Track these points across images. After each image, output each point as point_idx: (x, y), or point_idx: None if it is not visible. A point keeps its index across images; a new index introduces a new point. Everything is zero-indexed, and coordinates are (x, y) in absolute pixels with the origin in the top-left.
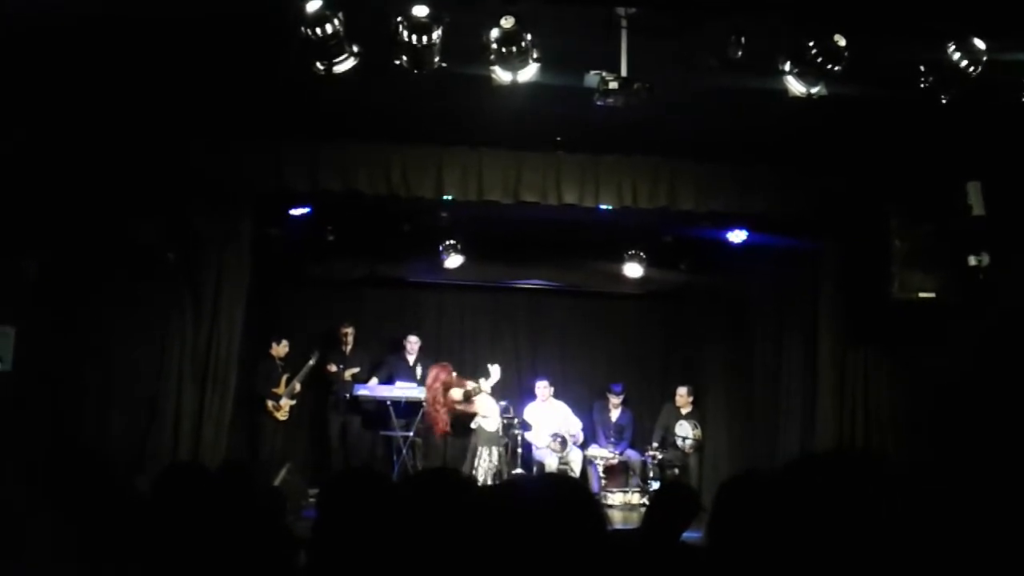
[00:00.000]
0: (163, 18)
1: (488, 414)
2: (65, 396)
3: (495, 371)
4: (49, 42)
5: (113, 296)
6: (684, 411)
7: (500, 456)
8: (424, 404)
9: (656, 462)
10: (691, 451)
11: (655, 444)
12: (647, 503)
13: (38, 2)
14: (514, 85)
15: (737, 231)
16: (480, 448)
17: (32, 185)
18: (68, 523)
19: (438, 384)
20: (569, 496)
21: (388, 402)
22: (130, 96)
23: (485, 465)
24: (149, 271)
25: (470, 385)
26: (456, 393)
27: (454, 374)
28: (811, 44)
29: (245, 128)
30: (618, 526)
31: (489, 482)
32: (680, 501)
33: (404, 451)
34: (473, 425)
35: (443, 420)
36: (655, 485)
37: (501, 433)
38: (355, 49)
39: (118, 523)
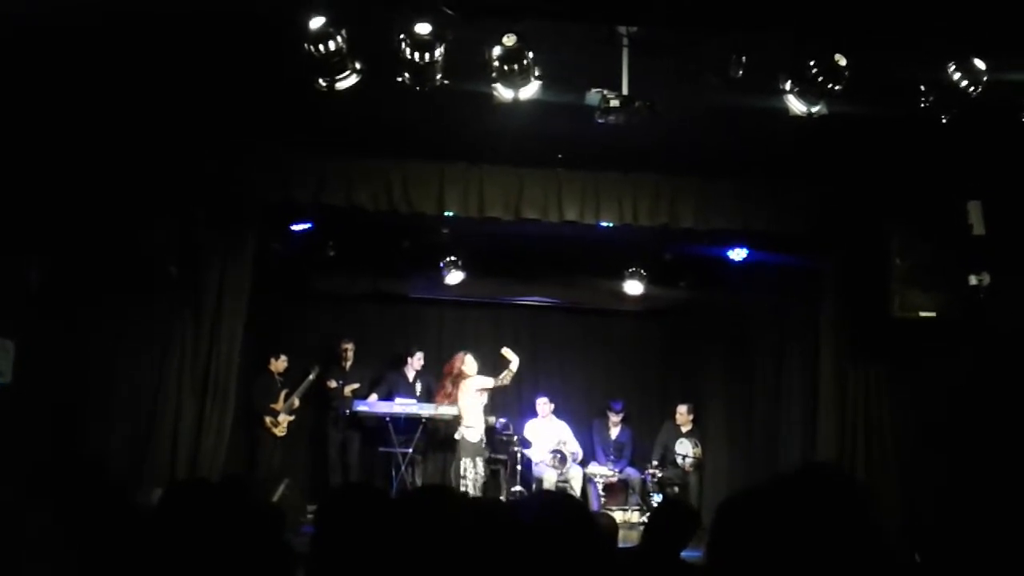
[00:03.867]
0: (170, 29)
1: (473, 424)
2: (65, 409)
3: (509, 353)
4: (58, 53)
5: (114, 309)
6: (684, 429)
7: (488, 468)
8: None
9: (656, 480)
10: (691, 469)
11: (655, 462)
12: (646, 521)
13: (46, 8)
14: (516, 102)
15: (737, 249)
16: (464, 460)
17: (35, 195)
18: (70, 536)
19: (452, 368)
20: (567, 514)
21: (387, 418)
22: (136, 107)
23: (471, 476)
24: (150, 284)
25: (501, 376)
26: (477, 383)
27: (469, 365)
28: (812, 63)
29: (251, 140)
30: (618, 544)
31: (478, 494)
32: (679, 519)
33: (403, 467)
34: (456, 436)
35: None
36: (655, 503)
37: (485, 444)
38: (358, 66)
39: (119, 537)
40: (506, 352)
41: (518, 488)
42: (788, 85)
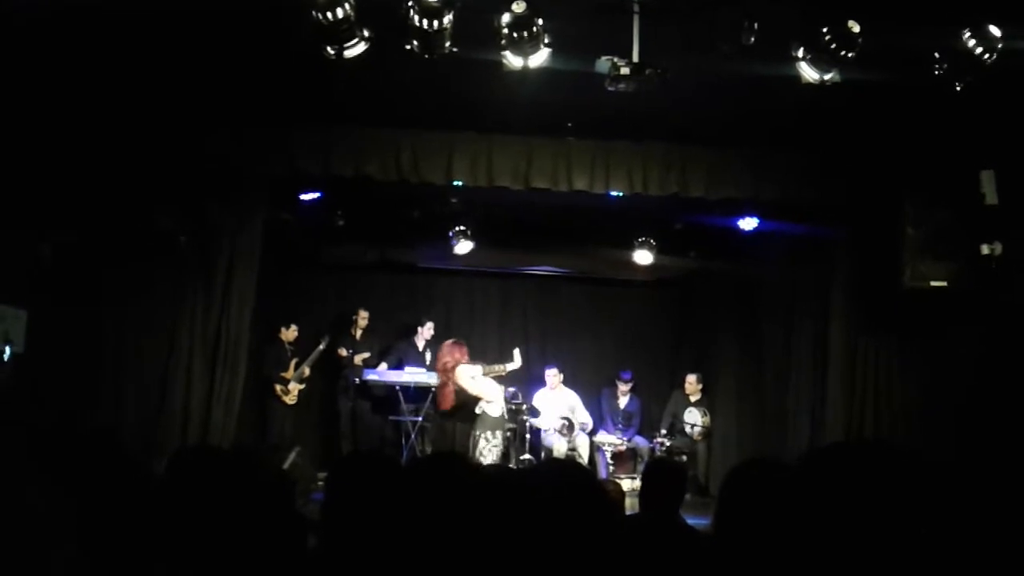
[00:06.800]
0: (178, 5)
1: (492, 399)
2: (77, 379)
3: (517, 357)
4: (68, 29)
5: (125, 279)
6: (693, 398)
7: (507, 440)
8: (435, 381)
9: (664, 449)
10: (700, 438)
11: (663, 431)
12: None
13: None
14: (525, 70)
15: (748, 218)
16: (485, 432)
17: (46, 169)
18: (80, 506)
19: (448, 360)
20: (575, 482)
21: (397, 387)
22: (146, 83)
23: (488, 448)
24: (161, 255)
25: (495, 367)
26: (469, 370)
27: (466, 354)
28: (824, 30)
29: (259, 113)
30: (626, 512)
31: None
32: (667, 477)
33: (413, 436)
34: (477, 410)
35: (448, 398)
36: None
37: (507, 418)
38: (366, 34)
39: (132, 506)
40: (516, 353)
41: (527, 456)
42: (800, 52)
